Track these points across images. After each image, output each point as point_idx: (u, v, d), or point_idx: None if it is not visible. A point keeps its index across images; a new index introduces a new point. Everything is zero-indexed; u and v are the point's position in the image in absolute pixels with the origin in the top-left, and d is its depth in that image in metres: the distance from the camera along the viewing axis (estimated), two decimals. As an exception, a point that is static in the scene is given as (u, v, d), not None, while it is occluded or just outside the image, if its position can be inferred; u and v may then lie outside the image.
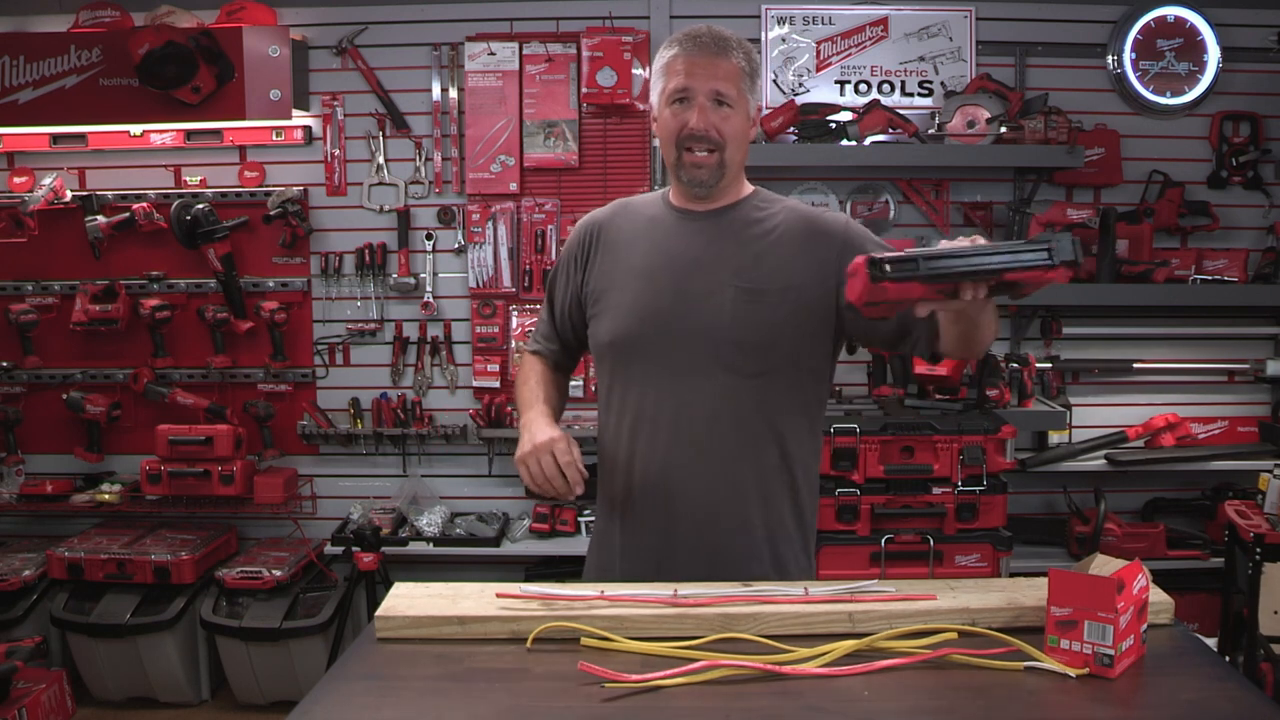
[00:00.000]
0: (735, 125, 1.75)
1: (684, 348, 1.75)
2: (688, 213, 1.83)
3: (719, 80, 1.73)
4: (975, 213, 3.73)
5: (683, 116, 1.74)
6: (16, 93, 3.62)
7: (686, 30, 1.78)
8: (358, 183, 3.82)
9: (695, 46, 1.74)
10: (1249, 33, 3.71)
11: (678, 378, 1.75)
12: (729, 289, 1.75)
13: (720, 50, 1.74)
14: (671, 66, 1.76)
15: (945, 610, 1.46)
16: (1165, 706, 1.27)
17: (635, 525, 1.80)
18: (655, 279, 1.78)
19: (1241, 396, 3.83)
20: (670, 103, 1.75)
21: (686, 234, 1.81)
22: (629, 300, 1.79)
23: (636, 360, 1.79)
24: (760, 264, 1.77)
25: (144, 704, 3.64)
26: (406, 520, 3.75)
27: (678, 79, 1.74)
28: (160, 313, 3.77)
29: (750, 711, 1.25)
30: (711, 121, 1.73)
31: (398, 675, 1.36)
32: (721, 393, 1.74)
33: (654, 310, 1.76)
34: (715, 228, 1.81)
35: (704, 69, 1.73)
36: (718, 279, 1.76)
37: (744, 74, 1.75)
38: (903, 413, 3.24)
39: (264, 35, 3.59)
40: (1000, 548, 3.10)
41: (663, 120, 1.78)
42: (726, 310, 1.73)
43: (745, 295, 1.74)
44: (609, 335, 1.81)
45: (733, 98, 1.74)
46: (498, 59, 3.71)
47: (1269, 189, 3.75)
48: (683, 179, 1.78)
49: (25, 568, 3.62)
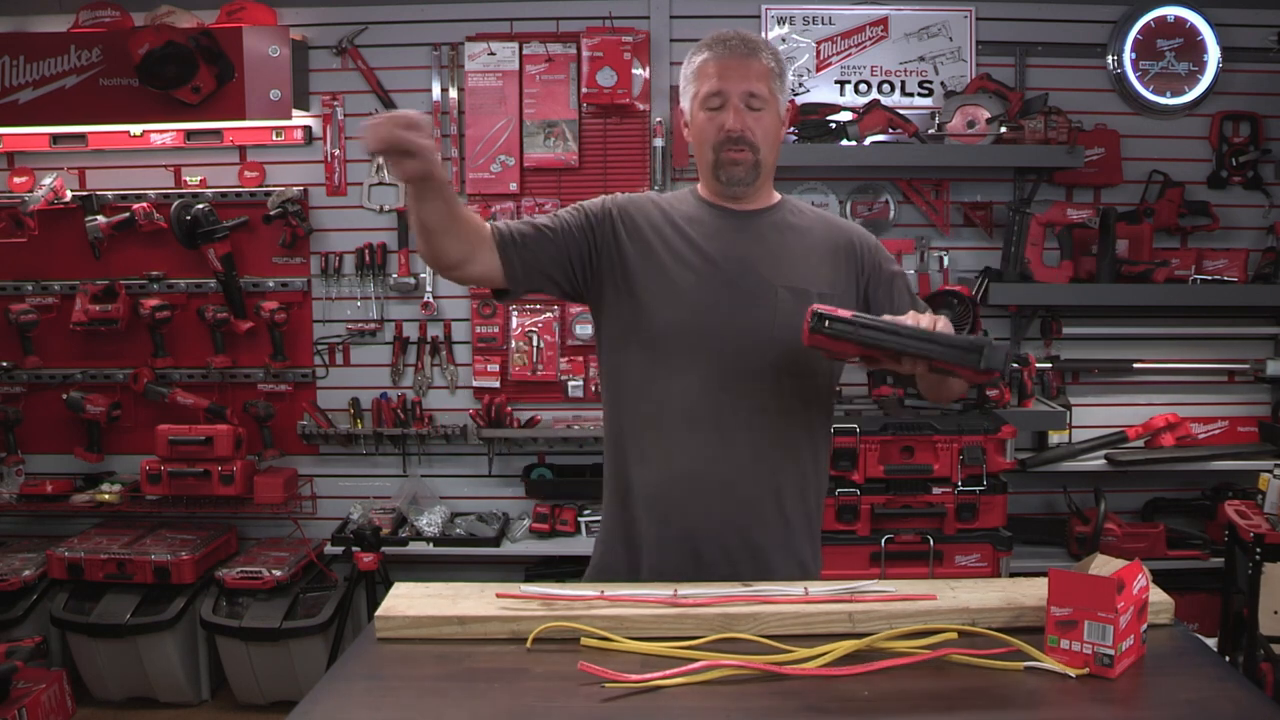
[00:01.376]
0: (768, 125, 1.77)
1: (734, 344, 1.75)
2: (729, 211, 1.83)
3: (751, 81, 1.74)
4: (975, 213, 3.73)
5: (719, 119, 1.75)
6: (16, 93, 3.62)
7: (714, 34, 1.80)
8: (358, 183, 3.82)
9: (726, 50, 1.76)
10: (1249, 33, 3.71)
11: (726, 373, 1.75)
12: (776, 290, 1.76)
13: (750, 52, 1.76)
14: (703, 70, 1.77)
15: (945, 610, 1.46)
16: (1165, 706, 1.27)
17: (674, 517, 1.78)
18: (707, 273, 1.78)
19: (1241, 396, 3.83)
20: (705, 107, 1.77)
21: (731, 231, 1.81)
22: (683, 291, 1.77)
23: (685, 351, 1.76)
24: (803, 267, 1.79)
25: (144, 704, 3.64)
26: (406, 520, 3.75)
27: (711, 82, 1.75)
28: (160, 313, 3.77)
29: (750, 711, 1.25)
30: (746, 123, 1.75)
31: (398, 675, 1.36)
32: (769, 391, 1.75)
33: (710, 304, 1.76)
34: (758, 228, 1.82)
35: (736, 71, 1.74)
36: (765, 279, 1.77)
37: (774, 74, 1.77)
38: (903, 413, 3.25)
39: (264, 35, 3.59)
40: (1000, 548, 3.10)
41: (698, 124, 1.79)
42: (776, 310, 1.75)
43: (791, 296, 1.75)
44: (662, 321, 1.77)
45: (765, 98, 1.75)
46: (498, 59, 3.71)
47: (1269, 189, 3.75)
48: (721, 178, 1.79)
49: (25, 568, 3.62)
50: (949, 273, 3.74)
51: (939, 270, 3.75)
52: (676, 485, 1.77)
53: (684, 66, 1.83)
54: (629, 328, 1.80)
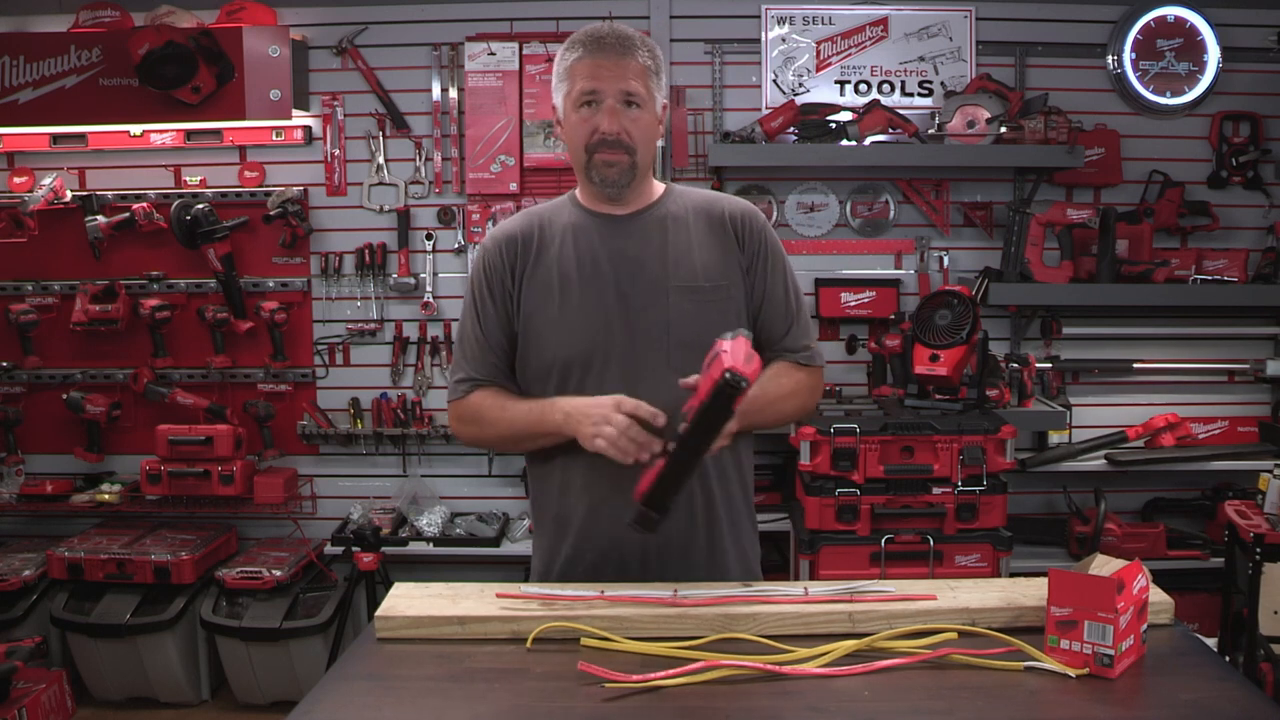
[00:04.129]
0: (645, 125, 1.74)
1: (633, 353, 1.72)
2: (610, 217, 1.79)
3: (627, 80, 1.70)
4: (975, 213, 3.73)
5: (593, 120, 1.71)
6: (16, 93, 3.61)
7: (588, 31, 1.75)
8: (358, 183, 3.82)
9: (600, 48, 1.71)
10: (1249, 33, 3.71)
11: (630, 385, 1.68)
12: (668, 290, 1.74)
13: (626, 50, 1.72)
14: (576, 69, 1.72)
15: (945, 610, 1.47)
16: (1165, 706, 1.27)
17: (596, 534, 1.75)
18: (595, 286, 1.74)
19: (1241, 396, 3.83)
20: (578, 106, 1.72)
21: (615, 237, 1.78)
22: (571, 314, 1.74)
23: (590, 372, 1.73)
24: (690, 261, 1.76)
25: (144, 704, 3.64)
26: (406, 520, 3.75)
27: (584, 81, 1.71)
28: (160, 313, 3.77)
29: (750, 711, 1.25)
30: (623, 124, 1.71)
31: (398, 675, 1.36)
32: (675, 394, 1.64)
33: (601, 320, 1.73)
34: (642, 228, 1.79)
35: (611, 70, 1.70)
36: (655, 280, 1.74)
37: (650, 72, 1.74)
38: (902, 413, 3.24)
39: (264, 35, 3.59)
40: (1000, 548, 3.10)
41: (570, 124, 1.75)
42: (670, 311, 1.72)
43: (684, 294, 1.73)
44: (554, 353, 1.74)
45: (642, 97, 1.72)
46: (498, 59, 3.71)
47: (1269, 189, 3.75)
48: (594, 180, 1.75)
49: (25, 568, 3.62)
50: (949, 273, 3.74)
51: (939, 270, 3.75)
52: (605, 503, 1.72)
53: (556, 63, 1.77)
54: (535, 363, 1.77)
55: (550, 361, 1.75)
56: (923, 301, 3.33)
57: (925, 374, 3.23)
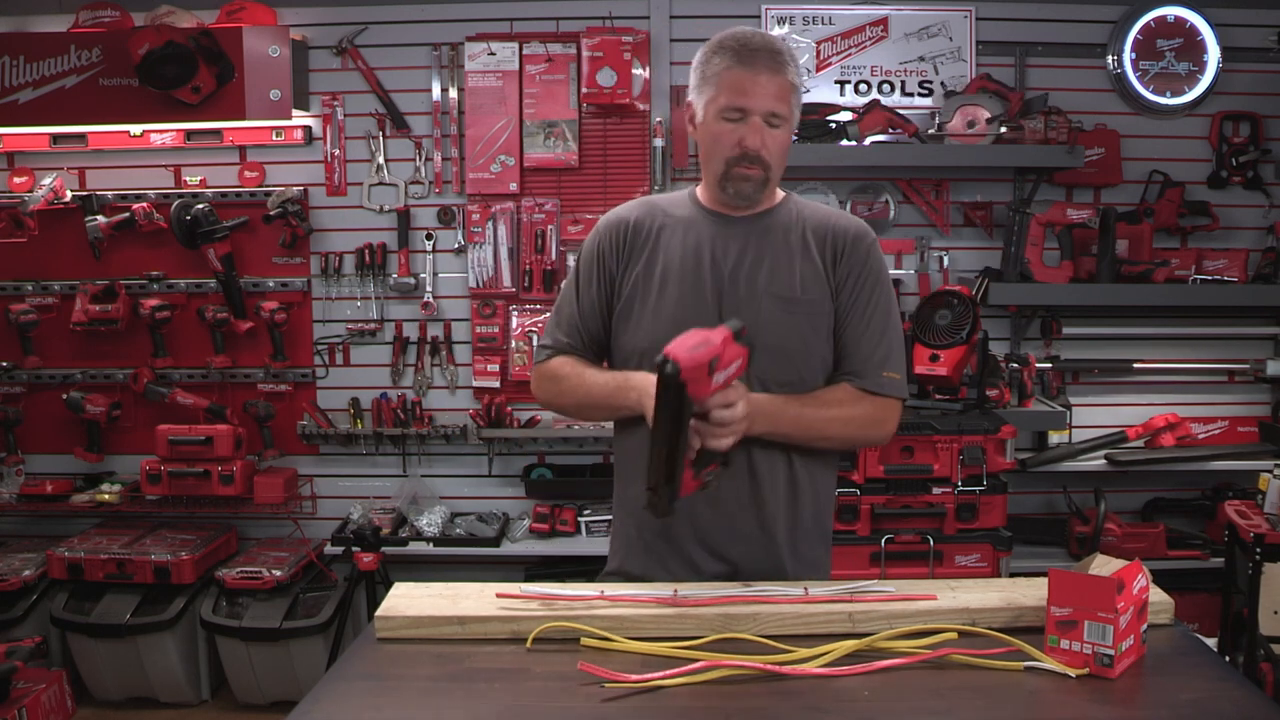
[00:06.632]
0: (782, 142, 1.74)
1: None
2: (724, 217, 1.81)
3: (775, 100, 1.69)
4: (975, 212, 3.73)
5: (738, 133, 1.70)
6: (16, 93, 3.61)
7: (736, 36, 1.72)
8: (358, 183, 3.82)
9: (751, 61, 1.68)
10: (1249, 33, 3.71)
11: None
12: (765, 297, 1.75)
13: (776, 66, 1.69)
14: (725, 79, 1.70)
15: (945, 610, 1.47)
16: (1165, 706, 1.27)
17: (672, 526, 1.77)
18: (695, 283, 1.76)
19: (1241, 396, 3.83)
20: (723, 117, 1.71)
21: (724, 239, 1.79)
22: (669, 306, 1.76)
23: None
24: (788, 271, 1.77)
25: (144, 704, 3.64)
26: (406, 520, 3.75)
27: (735, 97, 1.69)
28: (160, 313, 3.77)
29: (750, 711, 1.25)
30: (765, 142, 1.71)
31: (398, 675, 1.36)
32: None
33: (692, 315, 1.72)
34: (753, 234, 1.80)
35: (763, 88, 1.68)
36: (755, 286, 1.75)
37: (795, 89, 1.73)
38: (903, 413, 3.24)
39: (264, 35, 3.59)
40: (1000, 548, 3.10)
41: (713, 132, 1.74)
42: (760, 316, 1.72)
43: (776, 302, 1.74)
44: (641, 340, 1.77)
45: (784, 116, 1.72)
46: (498, 59, 3.71)
47: (1269, 189, 3.75)
48: (728, 191, 1.76)
49: (25, 568, 3.62)
50: (949, 273, 3.74)
51: (939, 270, 3.75)
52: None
53: (701, 63, 1.75)
54: (628, 348, 1.80)
55: (636, 347, 1.78)
56: (923, 301, 3.33)
57: (925, 374, 3.23)
